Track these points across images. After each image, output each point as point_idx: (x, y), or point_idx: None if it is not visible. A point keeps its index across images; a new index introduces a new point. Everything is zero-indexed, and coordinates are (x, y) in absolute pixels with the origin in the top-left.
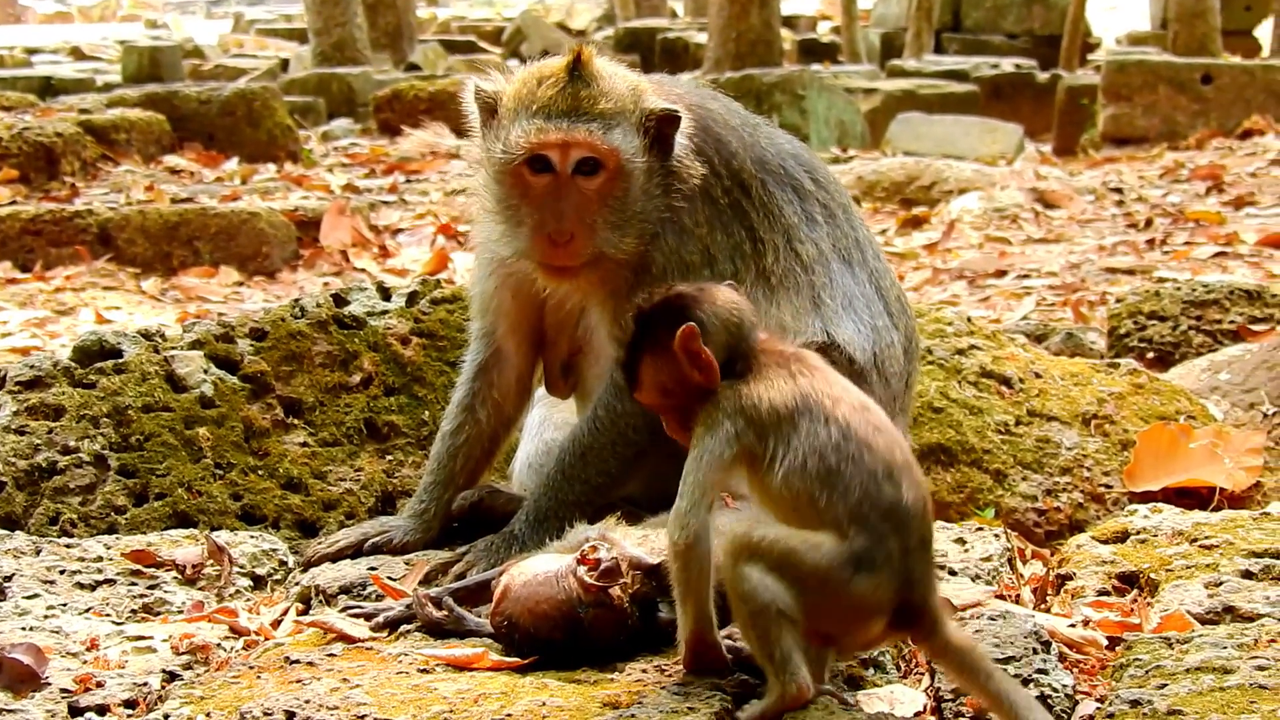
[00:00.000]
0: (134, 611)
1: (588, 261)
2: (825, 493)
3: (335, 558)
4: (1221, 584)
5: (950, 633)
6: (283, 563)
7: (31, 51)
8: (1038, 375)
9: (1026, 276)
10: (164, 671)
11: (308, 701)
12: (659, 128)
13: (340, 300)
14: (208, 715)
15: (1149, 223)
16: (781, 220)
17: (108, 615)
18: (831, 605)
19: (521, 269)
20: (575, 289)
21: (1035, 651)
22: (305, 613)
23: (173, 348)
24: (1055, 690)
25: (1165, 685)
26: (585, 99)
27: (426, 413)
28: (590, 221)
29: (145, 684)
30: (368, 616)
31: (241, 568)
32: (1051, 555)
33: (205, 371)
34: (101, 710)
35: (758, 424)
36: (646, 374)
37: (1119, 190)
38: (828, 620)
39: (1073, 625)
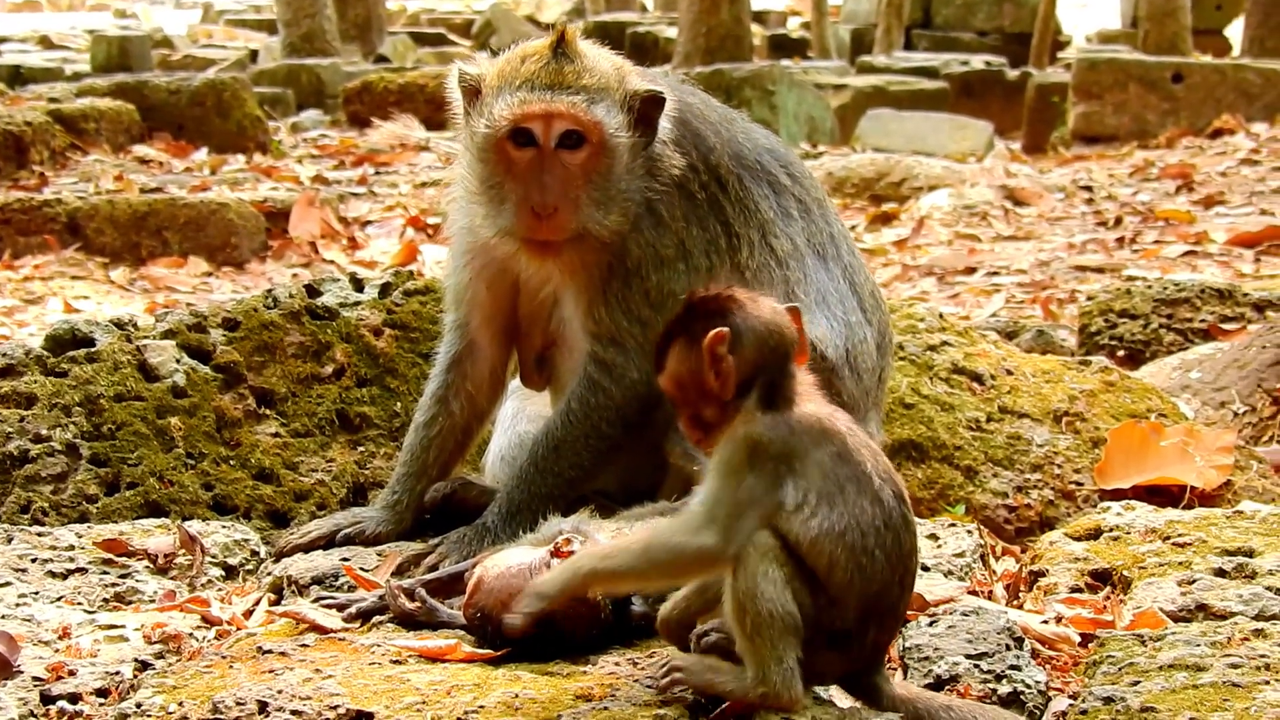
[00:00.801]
0: (106, 600)
1: (570, 239)
2: (852, 569)
3: (307, 548)
4: (1194, 582)
5: (890, 695)
6: (254, 553)
7: (0, 40)
8: (1009, 372)
9: (996, 274)
10: (136, 660)
11: (280, 692)
12: (643, 109)
13: (313, 291)
14: (180, 704)
15: (1119, 221)
16: (757, 215)
17: (80, 604)
18: None
19: (498, 256)
20: (553, 272)
21: (1008, 648)
22: (277, 603)
23: (145, 337)
24: (1028, 687)
25: (1138, 682)
26: (569, 74)
27: (399, 404)
28: (574, 196)
29: (117, 673)
30: (340, 607)
31: (213, 557)
32: (1023, 552)
33: (177, 361)
34: (74, 698)
35: (799, 475)
36: (671, 361)
37: (1089, 188)
38: None
39: (1045, 622)
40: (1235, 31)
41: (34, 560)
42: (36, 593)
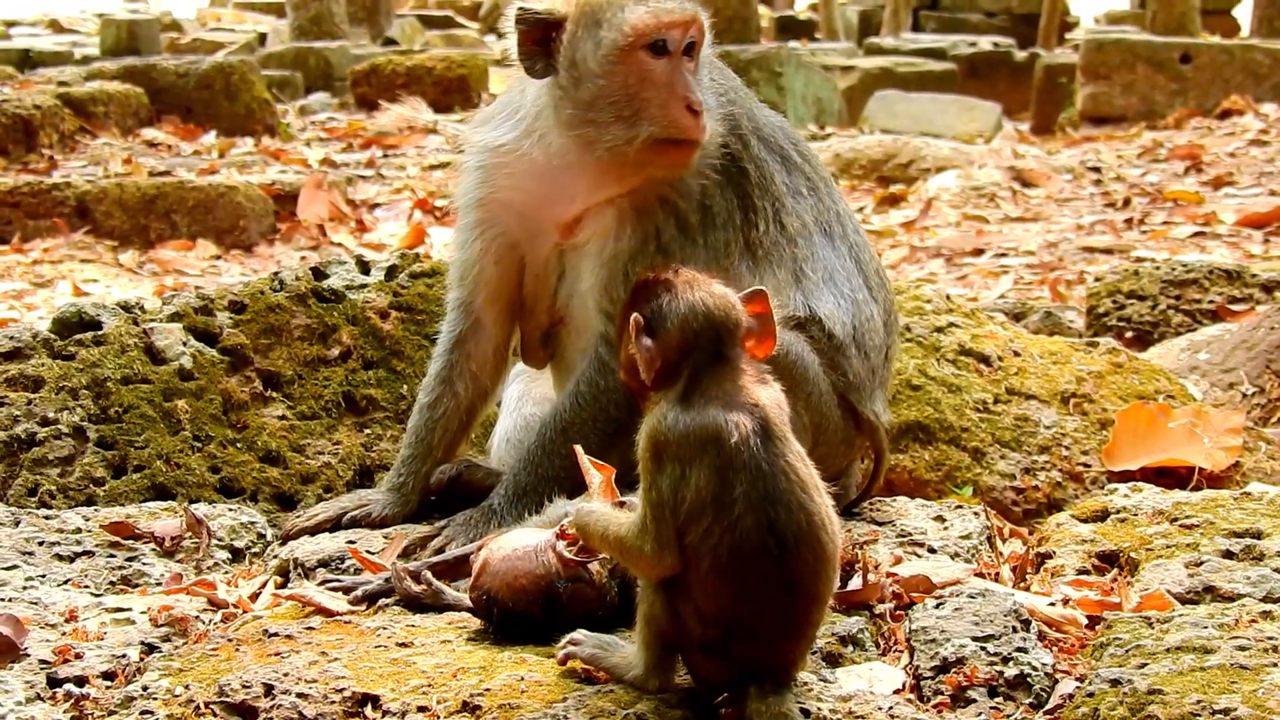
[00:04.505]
0: (113, 583)
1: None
2: (714, 578)
3: (314, 531)
4: (1202, 564)
5: (763, 711)
6: (261, 536)
7: (10, 24)
8: (1016, 354)
9: (1004, 255)
10: (143, 643)
11: (286, 674)
12: None
13: (319, 274)
14: (186, 688)
15: (1127, 202)
16: (772, 189)
17: (86, 587)
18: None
19: (509, 229)
20: (608, 220)
21: (1015, 630)
22: (284, 586)
23: (152, 320)
24: (1035, 669)
25: (1145, 665)
26: None
27: (405, 386)
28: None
29: (124, 656)
30: (346, 590)
31: (220, 540)
32: (1030, 534)
33: (184, 344)
34: (80, 681)
35: (687, 481)
36: (622, 348)
37: (1097, 169)
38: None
39: (1052, 604)
40: (1244, 12)
41: (41, 543)
42: (43, 575)
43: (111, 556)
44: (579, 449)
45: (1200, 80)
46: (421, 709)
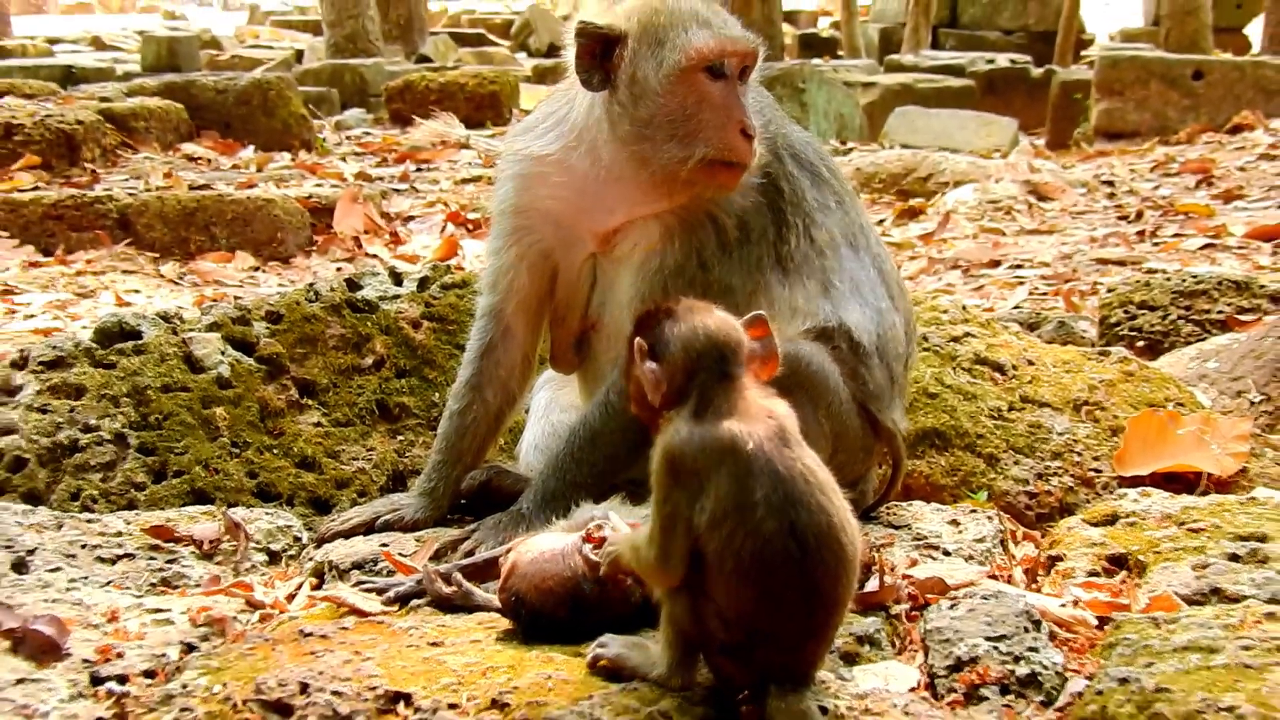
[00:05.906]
0: (153, 585)
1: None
2: (736, 581)
3: (348, 534)
4: (1208, 566)
5: (783, 709)
6: (297, 539)
7: (53, 41)
8: (1030, 362)
9: (1019, 266)
10: (182, 643)
11: (321, 673)
12: None
13: (353, 285)
14: (224, 685)
15: (1140, 215)
16: (803, 205)
17: (128, 588)
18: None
19: (544, 237)
20: (652, 233)
21: (1026, 630)
22: (319, 587)
23: (191, 330)
24: (1046, 668)
25: (1153, 664)
26: (730, 14)
27: (436, 394)
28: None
29: (164, 655)
30: (379, 591)
31: (257, 543)
32: (1042, 537)
33: (222, 353)
34: (122, 680)
35: (705, 494)
36: (630, 377)
37: (1110, 183)
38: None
39: (1063, 605)
40: (1255, 30)
41: (83, 546)
42: (86, 578)
43: (152, 559)
44: (613, 515)
45: (1212, 96)
46: (452, 706)
